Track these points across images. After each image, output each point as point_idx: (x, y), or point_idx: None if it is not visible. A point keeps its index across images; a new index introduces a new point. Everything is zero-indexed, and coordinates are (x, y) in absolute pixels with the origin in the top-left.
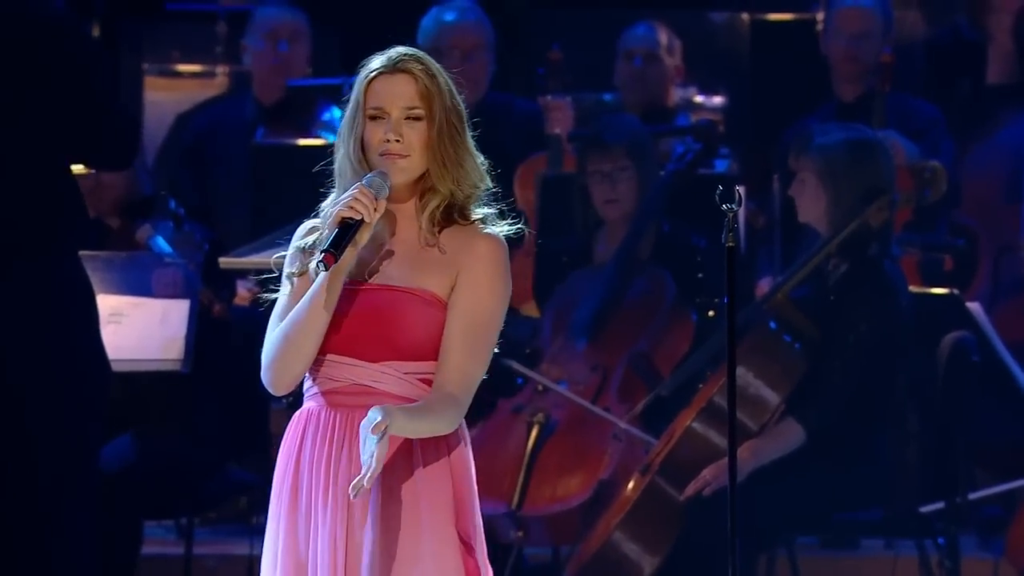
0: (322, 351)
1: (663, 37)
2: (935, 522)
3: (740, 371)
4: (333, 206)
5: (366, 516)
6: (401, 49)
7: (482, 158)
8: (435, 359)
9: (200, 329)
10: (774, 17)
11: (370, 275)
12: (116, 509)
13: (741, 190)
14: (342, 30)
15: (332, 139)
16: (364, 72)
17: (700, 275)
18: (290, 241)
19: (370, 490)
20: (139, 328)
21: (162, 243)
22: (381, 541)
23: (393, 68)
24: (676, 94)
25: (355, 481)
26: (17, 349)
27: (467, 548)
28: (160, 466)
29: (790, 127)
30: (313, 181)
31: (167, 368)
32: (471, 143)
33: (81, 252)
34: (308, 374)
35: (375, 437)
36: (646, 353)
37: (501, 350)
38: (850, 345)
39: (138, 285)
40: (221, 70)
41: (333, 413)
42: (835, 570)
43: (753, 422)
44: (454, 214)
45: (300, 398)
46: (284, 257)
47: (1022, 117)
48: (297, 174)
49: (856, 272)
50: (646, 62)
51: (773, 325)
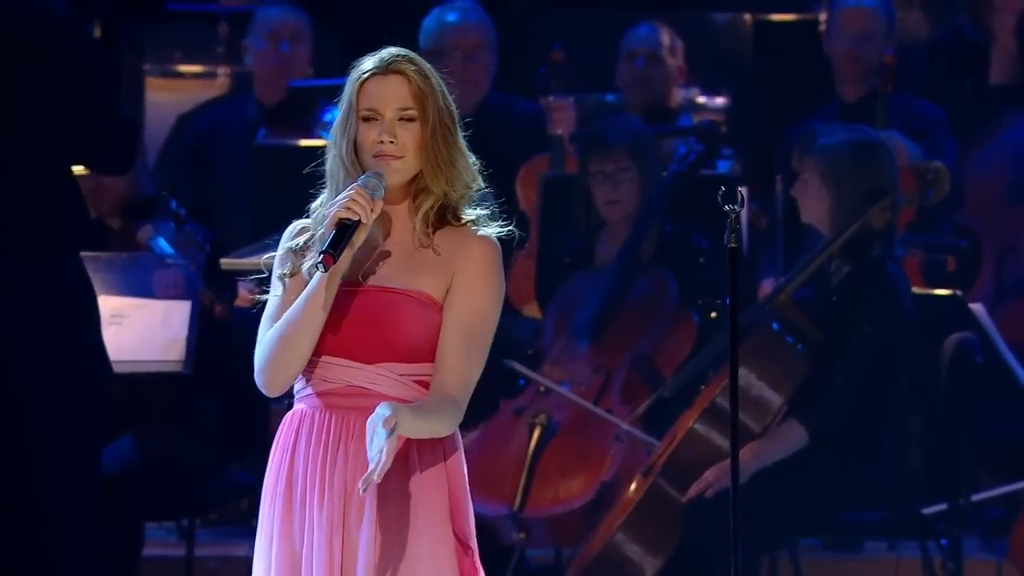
0: (316, 352)
1: (665, 38)
2: (938, 523)
3: (742, 372)
4: (330, 207)
5: (362, 518)
6: (393, 50)
7: (474, 158)
8: (430, 361)
9: (201, 330)
10: (777, 18)
11: (365, 276)
12: (117, 510)
13: (743, 191)
14: (344, 31)
15: None
16: (356, 73)
17: (702, 276)
18: (279, 242)
19: (377, 485)
20: (140, 329)
21: (163, 244)
22: (378, 542)
23: (386, 69)
24: (678, 95)
25: (365, 475)
26: (18, 350)
27: (464, 548)
28: (161, 467)
29: (793, 128)
30: (315, 182)
31: (168, 369)
32: (463, 143)
33: (82, 253)
34: (301, 375)
35: (384, 432)
36: (648, 354)
37: (503, 351)
38: (853, 346)
39: (139, 286)
40: (222, 71)
41: (328, 415)
42: (838, 572)
43: (755, 423)
44: (447, 215)
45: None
46: (274, 258)
47: None
48: (299, 175)
49: (859, 273)
50: (648, 63)
51: (776, 326)
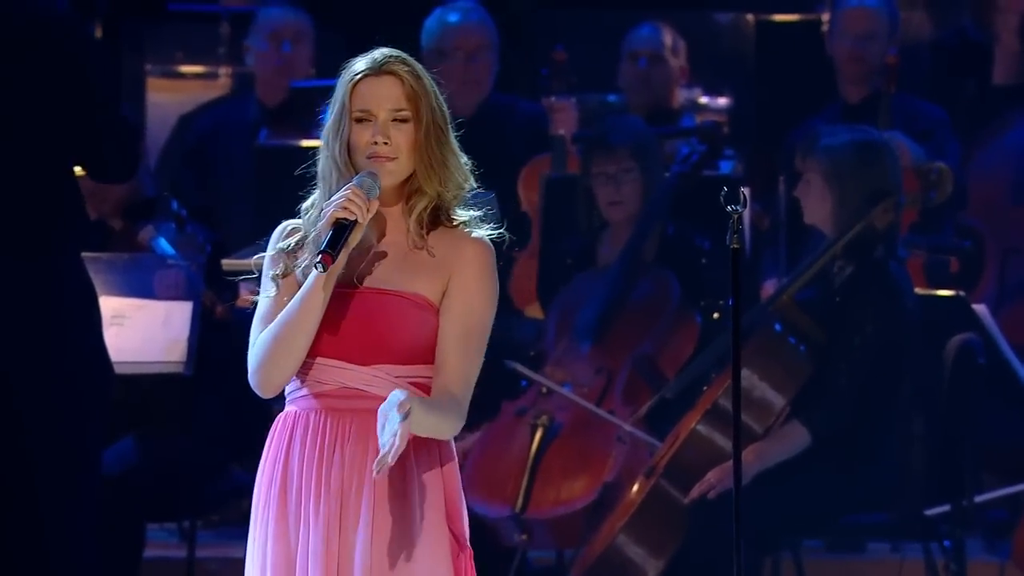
0: (310, 354)
1: (668, 38)
2: (941, 525)
3: (745, 373)
4: (326, 207)
5: (359, 519)
6: (385, 50)
7: (465, 158)
8: (425, 362)
9: (202, 331)
10: (779, 18)
11: (359, 278)
12: (118, 511)
13: (746, 191)
14: (345, 31)
15: None
16: (348, 74)
17: (705, 277)
18: (268, 243)
19: (374, 487)
20: (141, 330)
21: (164, 245)
22: (374, 542)
23: (379, 70)
24: (681, 95)
25: (379, 457)
26: (19, 351)
27: (460, 547)
28: (162, 468)
29: (795, 128)
30: (315, 183)
31: (169, 370)
32: (455, 143)
33: (83, 254)
34: (294, 376)
35: (399, 416)
36: (650, 355)
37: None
38: (855, 347)
39: (140, 287)
40: (224, 71)
41: (323, 417)
42: (840, 573)
43: (758, 425)
44: (440, 216)
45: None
46: (263, 259)
47: None
48: (300, 176)
49: (862, 274)
50: (651, 63)
51: (778, 327)
